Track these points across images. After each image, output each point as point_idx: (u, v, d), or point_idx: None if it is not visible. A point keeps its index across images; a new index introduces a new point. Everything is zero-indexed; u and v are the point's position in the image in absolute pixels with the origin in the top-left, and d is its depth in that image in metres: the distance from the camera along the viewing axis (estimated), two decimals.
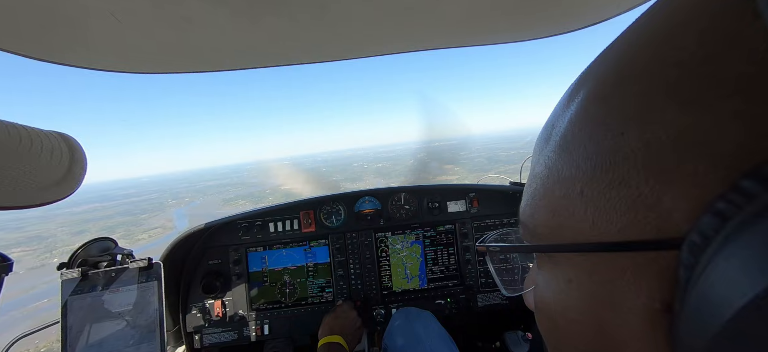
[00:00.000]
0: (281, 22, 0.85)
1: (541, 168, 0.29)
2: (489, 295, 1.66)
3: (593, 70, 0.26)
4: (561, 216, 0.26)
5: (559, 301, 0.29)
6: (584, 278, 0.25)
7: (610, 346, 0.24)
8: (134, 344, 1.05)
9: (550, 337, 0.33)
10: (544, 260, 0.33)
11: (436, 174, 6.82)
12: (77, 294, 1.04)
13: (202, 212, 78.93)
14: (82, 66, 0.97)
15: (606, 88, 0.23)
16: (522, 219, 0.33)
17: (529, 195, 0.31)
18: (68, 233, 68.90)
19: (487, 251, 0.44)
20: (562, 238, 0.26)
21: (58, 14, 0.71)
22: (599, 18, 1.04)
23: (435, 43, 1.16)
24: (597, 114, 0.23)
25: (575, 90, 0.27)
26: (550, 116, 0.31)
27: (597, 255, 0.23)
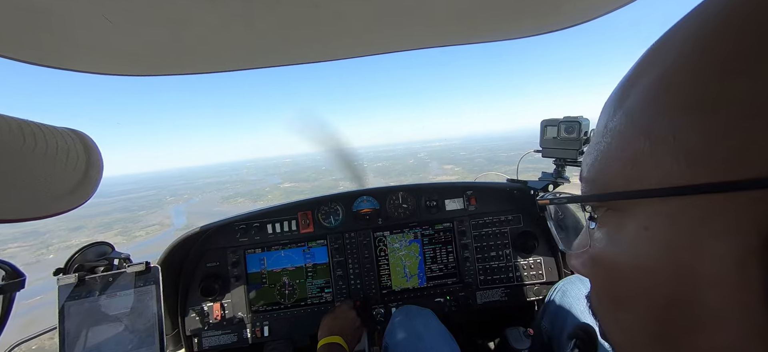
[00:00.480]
0: (275, 22, 0.85)
1: (619, 122, 0.30)
2: (488, 292, 1.67)
3: (690, 23, 0.26)
4: (643, 164, 0.26)
5: (629, 252, 0.29)
6: (665, 224, 0.25)
7: (690, 291, 0.24)
8: (133, 348, 1.04)
9: (611, 291, 0.33)
10: (608, 216, 0.33)
11: (436, 174, 6.80)
12: (74, 299, 1.03)
13: (200, 209, 78.85)
14: (77, 70, 0.96)
15: (716, 33, 0.23)
16: (589, 176, 0.34)
17: (598, 151, 0.32)
18: (65, 229, 68.58)
19: (550, 203, 0.45)
20: (640, 186, 0.27)
21: (51, 18, 0.70)
22: (593, 15, 1.04)
23: (429, 42, 1.16)
24: (703, 59, 0.23)
25: (669, 41, 0.27)
26: (630, 72, 0.31)
27: (684, 199, 0.23)
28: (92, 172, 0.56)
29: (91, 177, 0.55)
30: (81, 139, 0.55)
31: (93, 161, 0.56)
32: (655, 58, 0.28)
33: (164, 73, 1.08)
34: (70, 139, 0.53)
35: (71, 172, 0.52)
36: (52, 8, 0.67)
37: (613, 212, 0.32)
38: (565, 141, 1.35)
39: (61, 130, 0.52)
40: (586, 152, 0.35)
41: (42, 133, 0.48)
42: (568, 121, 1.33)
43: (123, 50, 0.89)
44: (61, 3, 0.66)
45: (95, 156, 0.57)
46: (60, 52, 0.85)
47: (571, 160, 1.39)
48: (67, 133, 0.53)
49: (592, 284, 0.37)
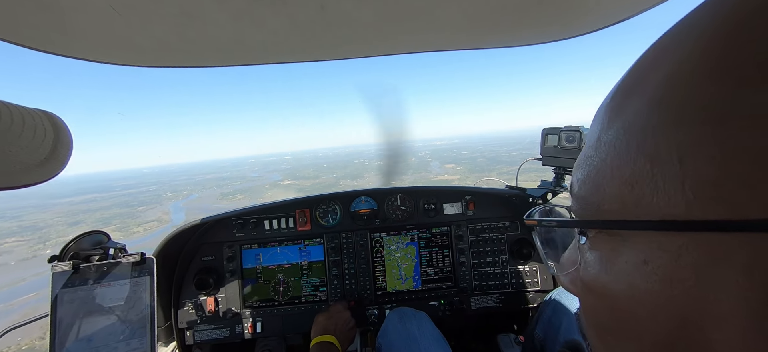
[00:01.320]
0: (281, 20, 0.85)
1: (614, 135, 0.26)
2: (482, 298, 1.67)
3: (708, 10, 0.22)
4: (642, 188, 0.23)
5: (625, 284, 0.26)
6: (667, 260, 0.22)
7: (694, 336, 0.21)
8: (124, 339, 1.04)
9: (601, 322, 0.31)
10: (602, 238, 0.29)
11: (437, 173, 6.79)
12: (68, 287, 1.03)
13: (199, 205, 78.82)
14: (82, 57, 0.96)
15: (740, 25, 0.19)
16: (579, 193, 0.30)
17: (590, 167, 0.29)
18: (64, 223, 68.71)
19: (538, 224, 0.40)
20: (639, 214, 0.23)
21: (58, 5, 0.71)
22: (603, 24, 1.04)
23: (434, 46, 1.16)
24: (725, 59, 0.19)
25: (676, 39, 0.23)
26: (628, 76, 0.27)
27: (694, 235, 0.20)
28: (61, 150, 0.60)
29: (59, 154, 0.60)
30: (50, 118, 0.60)
31: (62, 139, 0.60)
32: (657, 61, 0.24)
33: (170, 65, 1.08)
34: (39, 118, 0.57)
35: (39, 147, 0.56)
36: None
37: (608, 236, 0.29)
38: (566, 150, 1.35)
39: (30, 110, 0.57)
40: (576, 164, 0.32)
41: (8, 110, 0.52)
42: (569, 130, 1.33)
43: (130, 40, 0.89)
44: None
45: (65, 135, 0.61)
46: (64, 39, 0.85)
47: (571, 169, 1.38)
48: (36, 113, 0.58)
49: (582, 307, 0.35)
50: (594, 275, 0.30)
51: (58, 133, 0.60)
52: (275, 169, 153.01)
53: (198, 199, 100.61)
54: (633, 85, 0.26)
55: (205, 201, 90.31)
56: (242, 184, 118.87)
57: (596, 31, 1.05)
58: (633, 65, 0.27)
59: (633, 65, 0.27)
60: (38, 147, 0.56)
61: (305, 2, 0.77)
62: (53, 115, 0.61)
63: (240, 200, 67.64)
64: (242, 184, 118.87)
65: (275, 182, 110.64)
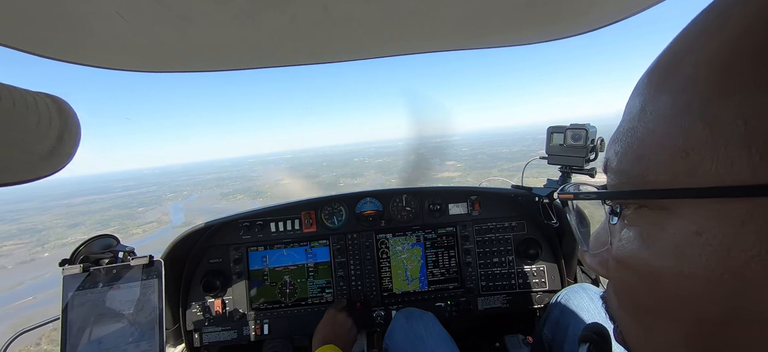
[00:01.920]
0: (283, 23, 0.85)
1: (664, 104, 0.25)
2: (489, 298, 1.66)
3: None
4: (699, 156, 0.22)
5: (674, 258, 0.25)
6: (726, 229, 0.21)
7: (756, 309, 0.20)
8: (134, 341, 1.05)
9: (642, 299, 0.29)
10: (642, 213, 0.28)
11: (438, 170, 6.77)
12: (79, 291, 1.04)
13: (199, 206, 78.78)
14: (91, 64, 0.97)
15: None
16: (619, 167, 0.29)
17: (634, 138, 0.27)
18: (63, 225, 68.65)
19: (573, 198, 0.39)
20: (692, 182, 0.23)
21: (65, 13, 0.71)
22: (602, 23, 1.04)
23: (436, 46, 1.16)
24: None
25: (731, 8, 0.22)
26: (676, 46, 0.26)
27: (757, 200, 0.19)
28: (68, 138, 0.52)
29: (66, 142, 0.52)
30: (55, 102, 0.51)
31: (69, 126, 0.52)
32: (713, 24, 0.23)
33: (177, 70, 1.09)
34: (44, 102, 0.49)
35: (44, 136, 0.48)
36: (64, 2, 0.68)
37: (649, 210, 0.27)
38: (572, 148, 1.35)
39: (32, 93, 0.49)
40: (613, 139, 0.31)
41: (9, 93, 0.44)
42: (575, 128, 1.33)
43: (133, 45, 0.89)
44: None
45: (72, 121, 0.53)
46: (73, 46, 0.86)
47: (577, 168, 1.38)
48: (40, 97, 0.49)
49: (614, 287, 0.33)
50: (632, 252, 0.29)
51: (65, 118, 0.52)
52: (275, 169, 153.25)
53: (198, 199, 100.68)
54: (684, 52, 0.25)
55: (205, 201, 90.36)
56: (242, 184, 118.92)
57: (599, 29, 1.05)
58: (682, 32, 0.26)
59: (682, 32, 0.26)
60: (43, 136, 0.48)
61: (308, 4, 0.77)
62: (60, 99, 0.52)
63: (239, 199, 67.72)
64: (242, 184, 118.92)
65: (275, 181, 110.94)
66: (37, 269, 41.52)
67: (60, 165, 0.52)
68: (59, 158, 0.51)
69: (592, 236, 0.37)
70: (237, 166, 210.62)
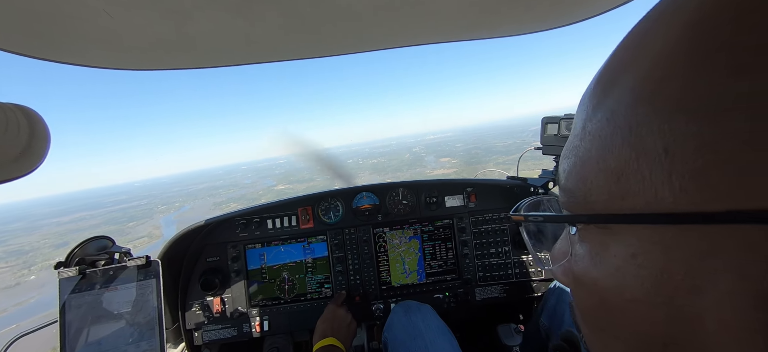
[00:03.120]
0: (279, 17, 0.85)
1: (598, 124, 0.25)
2: (487, 288, 1.68)
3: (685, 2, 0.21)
4: (629, 180, 0.22)
5: (614, 278, 0.25)
6: (656, 254, 0.21)
7: (686, 333, 0.21)
8: (134, 341, 1.04)
9: (592, 316, 0.30)
10: (591, 231, 0.28)
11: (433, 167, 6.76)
12: (76, 293, 1.03)
13: (191, 216, 77.93)
14: (74, 63, 0.96)
15: (723, 15, 0.18)
16: (566, 185, 0.29)
17: (576, 157, 0.27)
18: (51, 245, 67.27)
19: (524, 220, 0.39)
20: (625, 207, 0.23)
21: (51, 11, 0.70)
22: (596, 11, 1.04)
23: (432, 38, 1.16)
24: (711, 43, 0.18)
25: (660, 23, 0.22)
26: (612, 62, 0.26)
27: (682, 227, 0.19)
28: (36, 143, 0.56)
29: (35, 148, 0.56)
30: (23, 111, 0.56)
31: (37, 133, 0.57)
32: (644, 41, 0.23)
33: (165, 68, 1.08)
34: (11, 111, 0.53)
35: (12, 142, 0.52)
36: (53, 1, 0.67)
37: (597, 228, 0.27)
38: (566, 138, 1.35)
39: (1, 104, 0.53)
40: (563, 154, 0.30)
41: None
42: (570, 118, 1.33)
43: (125, 43, 0.88)
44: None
45: (40, 128, 0.57)
46: (58, 45, 0.85)
47: None
48: (7, 106, 0.54)
49: (574, 301, 0.33)
50: (584, 269, 0.29)
51: (33, 126, 0.56)
52: (269, 175, 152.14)
53: (190, 210, 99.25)
54: (616, 71, 0.25)
55: (197, 212, 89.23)
56: (235, 192, 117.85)
57: (600, 15, 1.06)
58: (616, 50, 0.26)
59: (616, 50, 0.26)
60: (12, 141, 0.52)
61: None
62: (26, 108, 0.57)
63: (233, 208, 68.01)
64: (235, 192, 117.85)
65: (269, 186, 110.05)
66: (21, 294, 40.55)
67: (32, 166, 0.56)
68: (30, 160, 0.55)
69: (556, 246, 0.37)
70: (230, 174, 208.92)
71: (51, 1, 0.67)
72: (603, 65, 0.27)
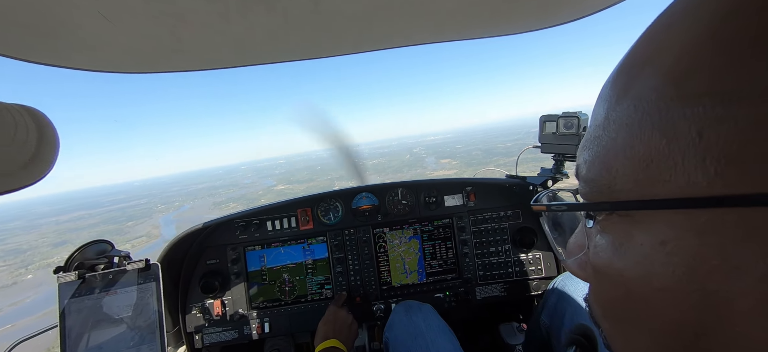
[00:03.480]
0: (274, 18, 0.84)
1: (625, 112, 0.24)
2: (487, 287, 1.68)
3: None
4: (659, 166, 0.22)
5: (642, 267, 0.25)
6: (689, 240, 0.21)
7: (721, 321, 0.20)
8: (134, 345, 1.04)
9: (615, 309, 0.29)
10: (613, 220, 0.28)
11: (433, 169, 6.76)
12: (75, 298, 1.03)
13: (191, 216, 77.51)
14: (74, 67, 0.96)
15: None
16: (588, 175, 0.29)
17: (600, 146, 0.27)
18: (49, 244, 66.76)
19: (547, 209, 0.39)
20: (656, 193, 0.22)
21: (45, 14, 0.70)
22: (596, 7, 1.04)
23: (429, 38, 1.16)
24: (742, 29, 0.18)
25: (689, 9, 0.22)
26: (636, 51, 0.25)
27: (714, 211, 0.19)
28: (44, 149, 0.53)
29: (43, 154, 0.53)
30: (32, 114, 0.53)
31: (46, 137, 0.54)
32: (672, 30, 0.23)
33: (163, 70, 1.08)
34: (19, 114, 0.50)
35: (21, 148, 0.49)
36: (47, 4, 0.66)
37: (619, 218, 0.27)
38: (564, 136, 1.36)
39: (8, 106, 0.50)
40: (582, 146, 0.30)
41: None
42: (567, 116, 1.34)
43: (119, 47, 0.88)
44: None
45: (49, 132, 0.55)
46: (54, 49, 0.84)
47: (570, 155, 1.39)
48: (15, 109, 0.51)
49: (594, 294, 0.33)
50: (606, 260, 0.29)
51: (41, 130, 0.53)
52: (269, 175, 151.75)
53: (190, 209, 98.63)
54: (644, 58, 0.24)
55: (197, 212, 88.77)
56: (235, 192, 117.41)
57: (594, 14, 1.06)
58: (642, 36, 0.25)
59: (642, 36, 0.25)
60: (20, 147, 0.49)
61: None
62: (34, 110, 0.54)
63: (233, 208, 68.13)
64: (235, 192, 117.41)
65: (268, 186, 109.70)
66: (18, 293, 40.09)
67: (41, 174, 0.52)
68: (40, 167, 0.52)
69: (571, 240, 0.37)
70: (230, 174, 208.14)
71: (46, 5, 0.67)
72: (624, 58, 0.27)
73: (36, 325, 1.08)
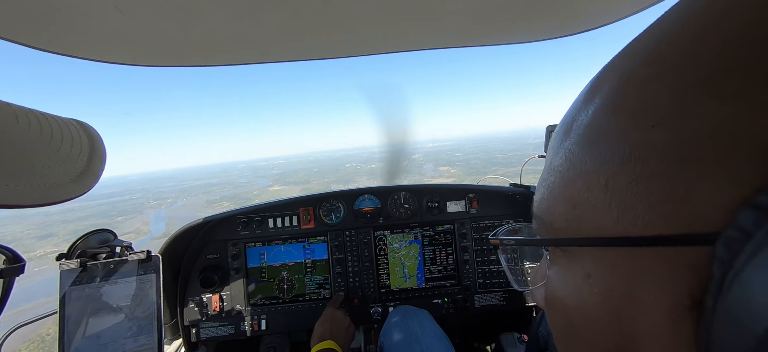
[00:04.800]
0: (285, 17, 0.85)
1: (560, 161, 0.29)
2: (486, 296, 1.67)
3: (619, 63, 0.26)
4: (582, 209, 0.25)
5: (575, 297, 0.28)
6: (605, 273, 0.24)
7: (629, 344, 0.23)
8: (132, 335, 1.04)
9: (561, 334, 0.33)
10: (558, 254, 0.32)
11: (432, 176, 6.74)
12: (76, 285, 1.03)
13: (183, 213, 76.33)
14: (87, 57, 0.97)
15: (635, 81, 0.23)
16: (537, 213, 0.33)
17: (545, 188, 0.31)
18: (34, 236, 65.44)
19: (501, 244, 0.43)
20: (581, 231, 0.26)
21: (62, 5, 0.70)
22: (602, 22, 1.05)
23: (438, 43, 1.16)
24: (626, 106, 0.23)
25: (599, 83, 0.27)
26: (571, 110, 0.30)
27: (620, 250, 0.23)
28: (95, 163, 0.57)
29: (94, 167, 0.56)
30: (85, 129, 0.57)
31: (97, 152, 0.57)
32: (591, 95, 0.27)
33: (173, 64, 1.09)
34: (75, 129, 0.54)
35: (75, 161, 0.52)
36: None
37: (561, 252, 0.31)
38: None
39: (65, 120, 0.54)
40: (537, 186, 0.34)
41: (47, 122, 0.50)
42: None
43: (134, 40, 0.89)
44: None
45: (99, 147, 0.58)
46: (70, 40, 0.85)
47: None
48: (72, 124, 0.55)
49: (548, 322, 0.36)
50: (552, 290, 0.32)
51: (93, 145, 0.57)
52: (265, 175, 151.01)
53: (182, 207, 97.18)
54: (573, 116, 0.29)
55: (189, 209, 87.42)
56: (229, 190, 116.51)
57: (598, 28, 1.07)
58: (576, 98, 0.30)
59: (576, 98, 0.30)
60: (75, 161, 0.52)
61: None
62: (88, 126, 0.58)
63: (226, 207, 67.87)
64: (229, 190, 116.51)
65: (264, 187, 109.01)
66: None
67: (89, 186, 0.55)
68: (88, 180, 0.54)
69: (535, 270, 0.42)
70: (227, 171, 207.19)
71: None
72: (567, 111, 0.31)
73: (10, 322, 1.07)
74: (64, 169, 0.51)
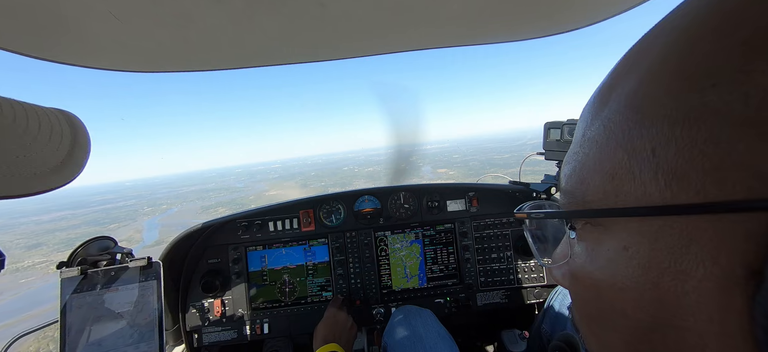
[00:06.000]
0: (281, 20, 0.85)
1: (596, 131, 0.28)
2: (488, 294, 1.67)
3: (669, 24, 0.25)
4: (621, 179, 0.25)
5: (609, 271, 0.28)
6: (645, 245, 0.24)
7: (670, 317, 0.23)
8: (133, 343, 1.04)
9: (589, 312, 0.32)
10: (588, 230, 0.31)
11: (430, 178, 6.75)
12: (77, 293, 1.02)
13: (177, 220, 75.18)
14: (80, 64, 0.96)
15: (691, 39, 0.22)
16: (566, 187, 0.32)
17: (577, 161, 0.31)
18: (23, 246, 63.99)
19: (527, 217, 0.43)
20: (619, 203, 0.25)
21: (59, 13, 0.70)
22: (597, 18, 1.06)
23: (434, 43, 1.16)
24: (680, 67, 0.22)
25: (643, 50, 0.26)
26: (607, 81, 0.29)
27: (664, 219, 0.22)
28: (78, 152, 0.55)
29: (76, 157, 0.54)
30: (68, 119, 0.55)
31: (79, 141, 0.55)
32: (634, 61, 0.27)
33: (170, 70, 1.08)
34: (56, 118, 0.52)
35: (56, 150, 0.51)
36: (60, 3, 0.67)
37: (592, 226, 0.30)
38: (569, 143, 1.36)
39: (46, 110, 0.52)
40: (564, 161, 0.34)
41: (22, 110, 0.48)
42: (572, 124, 1.35)
43: (130, 46, 0.89)
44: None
45: (82, 136, 0.56)
46: (65, 47, 0.85)
47: None
48: (53, 113, 0.53)
49: (572, 298, 0.36)
50: (581, 266, 0.32)
51: (75, 134, 0.55)
52: (262, 179, 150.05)
53: (177, 213, 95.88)
54: (612, 85, 0.28)
55: (184, 216, 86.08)
56: (225, 195, 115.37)
57: (600, 22, 1.07)
58: (613, 68, 0.30)
59: (613, 68, 0.30)
60: (55, 150, 0.51)
61: (305, 1, 0.78)
62: (70, 114, 0.56)
63: (221, 213, 67.65)
64: (225, 195, 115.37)
65: (260, 191, 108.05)
66: None
67: (71, 176, 0.54)
68: (70, 169, 0.53)
69: (557, 248, 0.41)
70: (223, 176, 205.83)
71: (59, 4, 0.67)
72: (601, 82, 0.31)
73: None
74: (43, 158, 0.49)
